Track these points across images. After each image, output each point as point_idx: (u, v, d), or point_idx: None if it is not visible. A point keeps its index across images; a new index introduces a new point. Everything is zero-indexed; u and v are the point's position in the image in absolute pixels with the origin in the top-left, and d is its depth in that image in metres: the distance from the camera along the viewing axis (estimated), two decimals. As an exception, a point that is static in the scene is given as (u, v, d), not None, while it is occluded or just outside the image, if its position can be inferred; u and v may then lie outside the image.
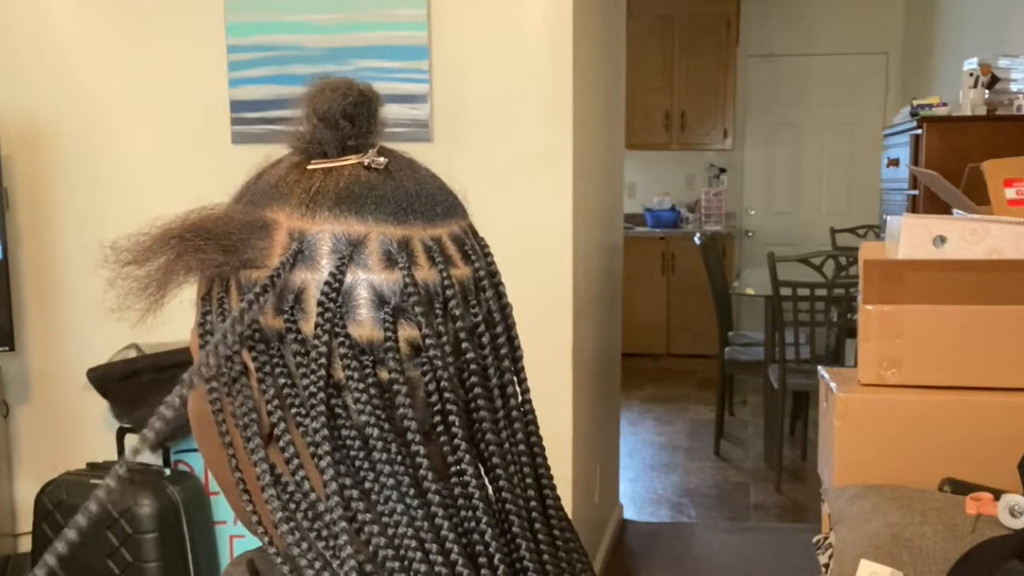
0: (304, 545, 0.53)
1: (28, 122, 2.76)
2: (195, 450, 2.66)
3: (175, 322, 0.68)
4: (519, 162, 2.58)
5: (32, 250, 2.82)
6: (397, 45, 2.57)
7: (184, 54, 2.70)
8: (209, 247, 0.55)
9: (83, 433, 2.84)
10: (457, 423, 0.56)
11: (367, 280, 0.56)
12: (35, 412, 2.89)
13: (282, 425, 0.55)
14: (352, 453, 0.54)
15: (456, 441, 0.56)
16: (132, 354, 2.68)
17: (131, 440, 2.67)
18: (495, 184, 2.54)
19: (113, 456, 2.70)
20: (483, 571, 0.55)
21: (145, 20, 2.70)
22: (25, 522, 2.79)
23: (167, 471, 2.59)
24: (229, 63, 2.65)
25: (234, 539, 2.67)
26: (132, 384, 2.61)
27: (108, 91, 2.74)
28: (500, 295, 0.62)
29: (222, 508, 2.63)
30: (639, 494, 4.21)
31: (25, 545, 2.83)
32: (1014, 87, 3.93)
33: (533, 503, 0.59)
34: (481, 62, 2.58)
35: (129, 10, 2.71)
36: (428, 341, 0.56)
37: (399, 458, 0.54)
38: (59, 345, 2.84)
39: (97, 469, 2.63)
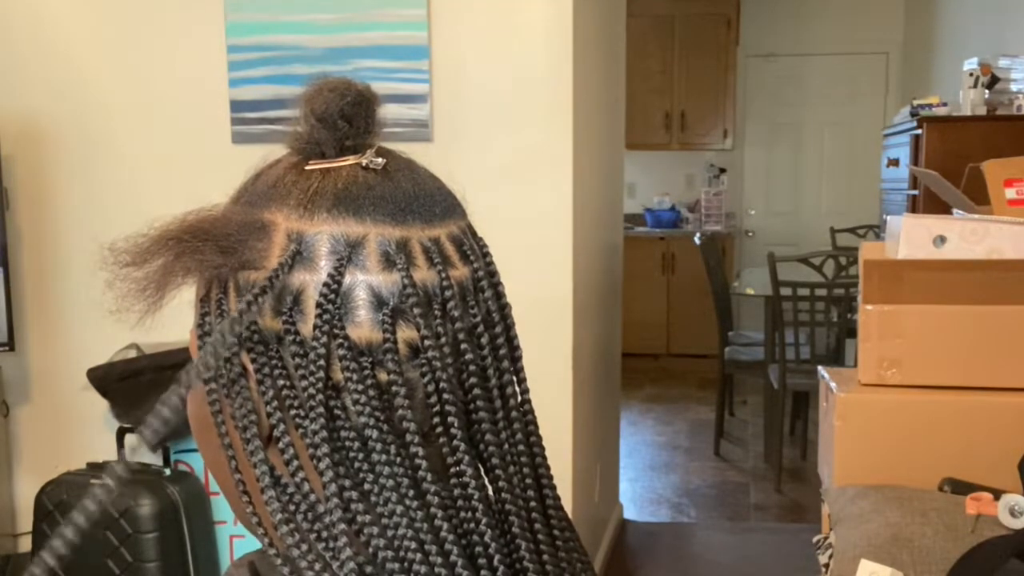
0: (304, 546, 0.53)
1: (28, 122, 2.76)
2: (195, 450, 2.65)
3: (175, 323, 0.68)
4: (519, 162, 2.58)
5: (32, 250, 2.82)
6: (397, 45, 2.57)
7: (184, 54, 2.70)
8: (207, 248, 0.55)
9: (83, 433, 2.84)
10: (456, 424, 0.56)
11: (365, 281, 0.56)
12: (35, 412, 2.89)
13: (281, 427, 0.55)
14: (351, 454, 0.54)
15: (455, 442, 0.56)
16: (132, 354, 2.68)
17: (131, 440, 2.67)
18: (495, 184, 2.54)
19: (113, 456, 2.70)
20: (483, 572, 0.55)
21: (145, 20, 2.70)
22: (25, 522, 2.79)
23: (167, 471, 2.58)
24: (229, 63, 2.65)
25: (234, 539, 2.67)
26: (132, 384, 2.61)
27: (108, 91, 2.74)
28: (499, 295, 0.62)
29: (222, 508, 2.63)
30: (639, 494, 4.21)
31: (25, 545, 2.83)
32: (1014, 87, 3.93)
33: (533, 503, 0.59)
34: (481, 62, 2.57)
35: (129, 10, 2.71)
36: (427, 342, 0.56)
37: (398, 459, 0.54)
38: (59, 345, 2.84)
39: (97, 469, 2.63)
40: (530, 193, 2.58)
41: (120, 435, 2.66)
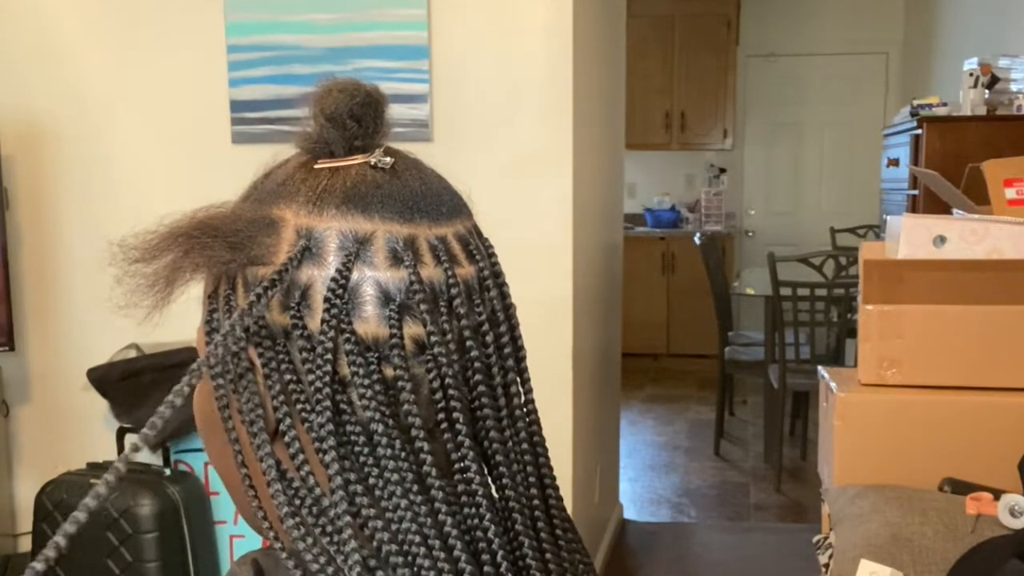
0: (309, 540, 0.54)
1: (28, 122, 2.76)
2: (195, 450, 2.66)
3: (175, 322, 0.68)
4: (519, 162, 2.58)
5: (32, 250, 2.82)
6: (397, 45, 2.57)
7: (184, 54, 2.70)
8: (216, 244, 0.56)
9: (83, 433, 2.84)
10: (461, 420, 0.57)
11: (373, 277, 0.56)
12: (35, 412, 2.89)
13: (288, 421, 0.55)
14: (357, 449, 0.55)
15: (460, 438, 0.57)
16: (132, 354, 2.68)
17: (131, 440, 2.67)
18: (495, 184, 2.55)
19: (113, 456, 2.70)
20: (486, 567, 0.55)
21: (145, 20, 2.70)
22: (25, 522, 2.79)
23: (167, 471, 2.59)
24: (229, 63, 2.65)
25: (234, 539, 2.67)
26: (132, 384, 2.62)
27: (108, 91, 2.74)
28: (504, 295, 0.63)
29: (222, 508, 2.63)
30: (639, 494, 4.21)
31: (25, 545, 2.83)
32: (1014, 87, 3.93)
33: (535, 501, 0.60)
34: (481, 62, 2.58)
35: (129, 10, 2.71)
36: (433, 339, 0.57)
37: (403, 454, 0.55)
38: (59, 345, 2.85)
39: (97, 469, 2.63)
40: (530, 193, 2.58)
41: (120, 435, 2.66)
